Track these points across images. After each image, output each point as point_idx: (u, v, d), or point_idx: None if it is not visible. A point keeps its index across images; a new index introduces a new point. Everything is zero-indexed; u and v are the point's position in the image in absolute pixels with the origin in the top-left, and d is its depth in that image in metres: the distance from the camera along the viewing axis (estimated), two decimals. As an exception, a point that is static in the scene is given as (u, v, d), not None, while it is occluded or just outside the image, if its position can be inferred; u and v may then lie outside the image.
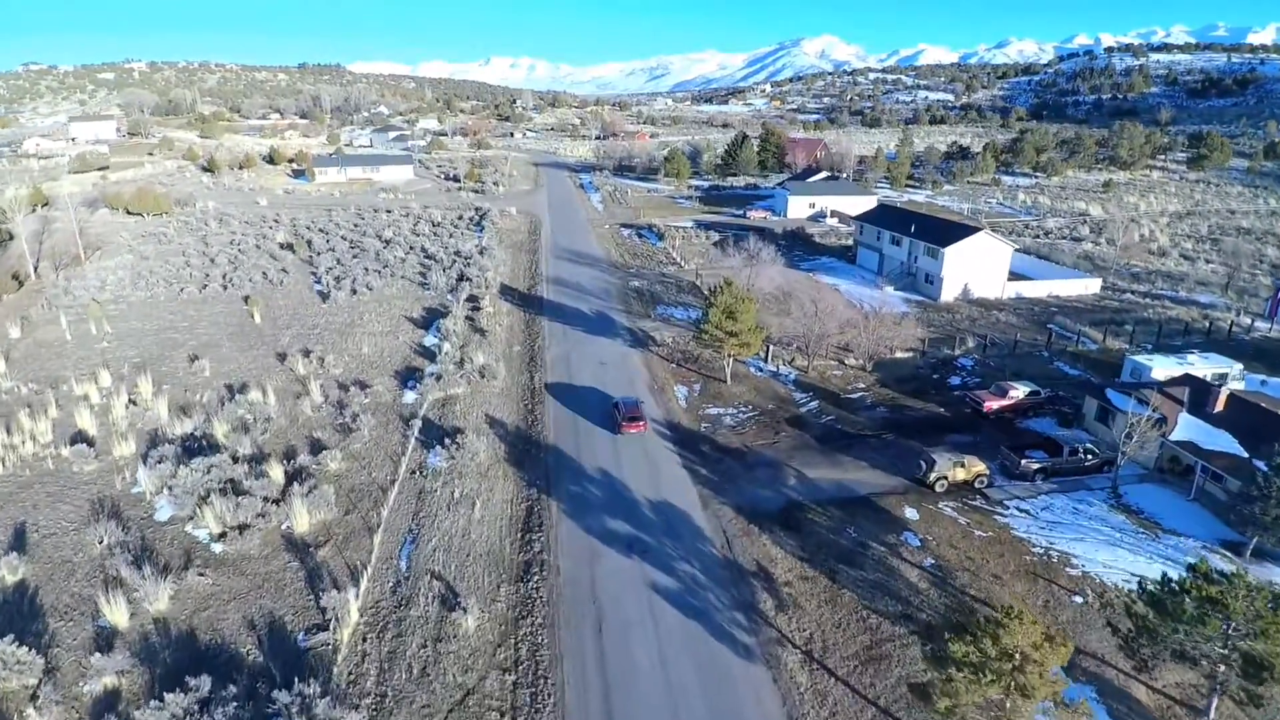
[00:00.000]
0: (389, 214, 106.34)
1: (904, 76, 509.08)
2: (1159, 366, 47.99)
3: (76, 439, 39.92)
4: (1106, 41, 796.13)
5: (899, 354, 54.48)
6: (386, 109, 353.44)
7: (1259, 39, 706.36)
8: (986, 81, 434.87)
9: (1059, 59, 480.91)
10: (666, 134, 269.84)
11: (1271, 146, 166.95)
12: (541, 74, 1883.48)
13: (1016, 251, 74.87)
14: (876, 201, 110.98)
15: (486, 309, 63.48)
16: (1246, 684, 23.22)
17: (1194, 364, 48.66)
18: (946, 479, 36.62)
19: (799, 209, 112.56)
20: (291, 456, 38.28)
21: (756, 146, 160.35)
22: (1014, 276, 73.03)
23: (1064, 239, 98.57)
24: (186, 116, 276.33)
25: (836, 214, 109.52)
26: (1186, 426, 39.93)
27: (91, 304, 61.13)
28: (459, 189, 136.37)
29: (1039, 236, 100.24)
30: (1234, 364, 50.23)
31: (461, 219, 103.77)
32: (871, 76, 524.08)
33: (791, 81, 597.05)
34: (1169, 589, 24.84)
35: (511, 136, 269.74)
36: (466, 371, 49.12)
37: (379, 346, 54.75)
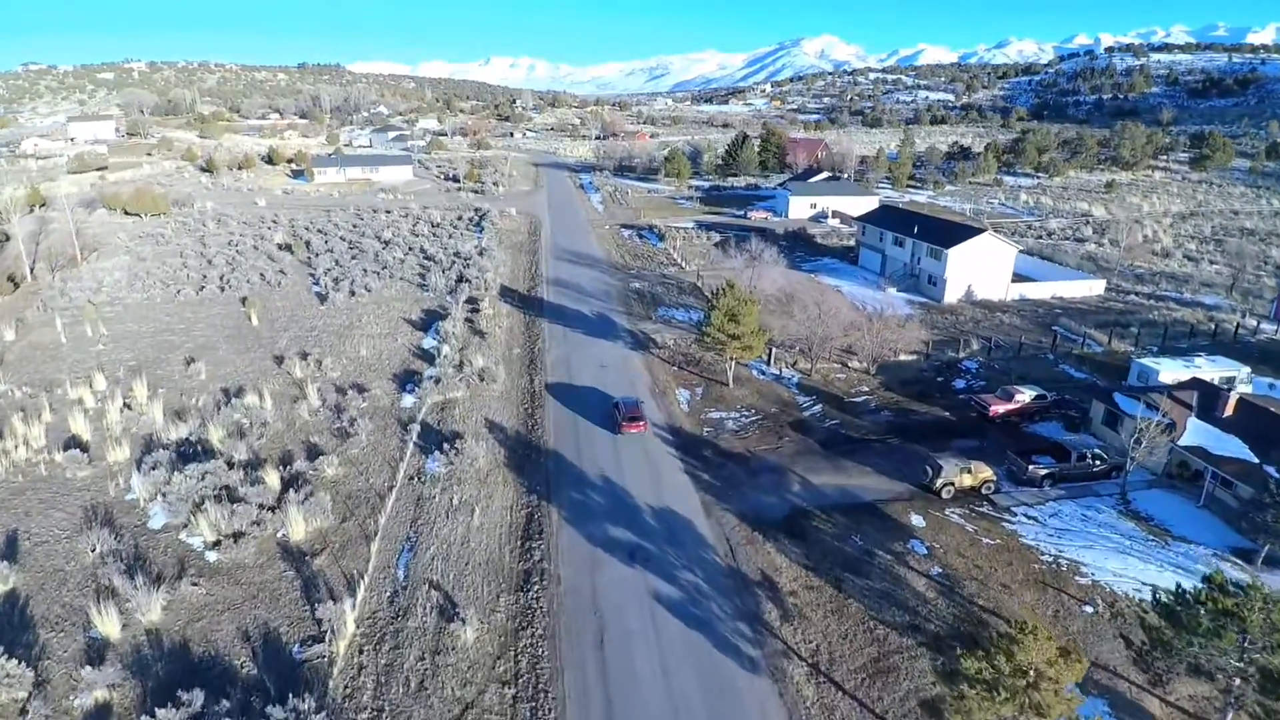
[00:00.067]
0: (388, 214, 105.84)
1: (904, 76, 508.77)
2: (1166, 370, 47.45)
3: (70, 444, 39.29)
4: (1106, 41, 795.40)
5: (903, 357, 53.92)
6: (386, 109, 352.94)
7: (1259, 39, 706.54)
8: (987, 81, 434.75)
9: (1059, 59, 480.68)
10: (666, 134, 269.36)
11: (1274, 146, 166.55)
12: (541, 74, 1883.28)
13: (1020, 253, 74.28)
14: (878, 202, 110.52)
15: (486, 311, 62.96)
16: (1263, 699, 22.67)
17: (1201, 367, 48.11)
18: (953, 485, 36.06)
19: (800, 209, 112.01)
20: (288, 462, 37.70)
21: (757, 147, 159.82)
22: (1018, 278, 72.46)
23: (1067, 240, 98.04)
24: (186, 116, 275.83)
25: (838, 214, 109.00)
26: (1195, 431, 39.40)
27: (87, 306, 60.58)
28: (458, 189, 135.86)
29: (1042, 237, 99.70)
30: (1241, 367, 49.65)
31: (461, 220, 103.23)
32: (872, 76, 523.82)
33: (791, 81, 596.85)
34: (1183, 600, 24.29)
35: (511, 136, 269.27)
36: (466, 375, 48.57)
37: (377, 349, 54.19)
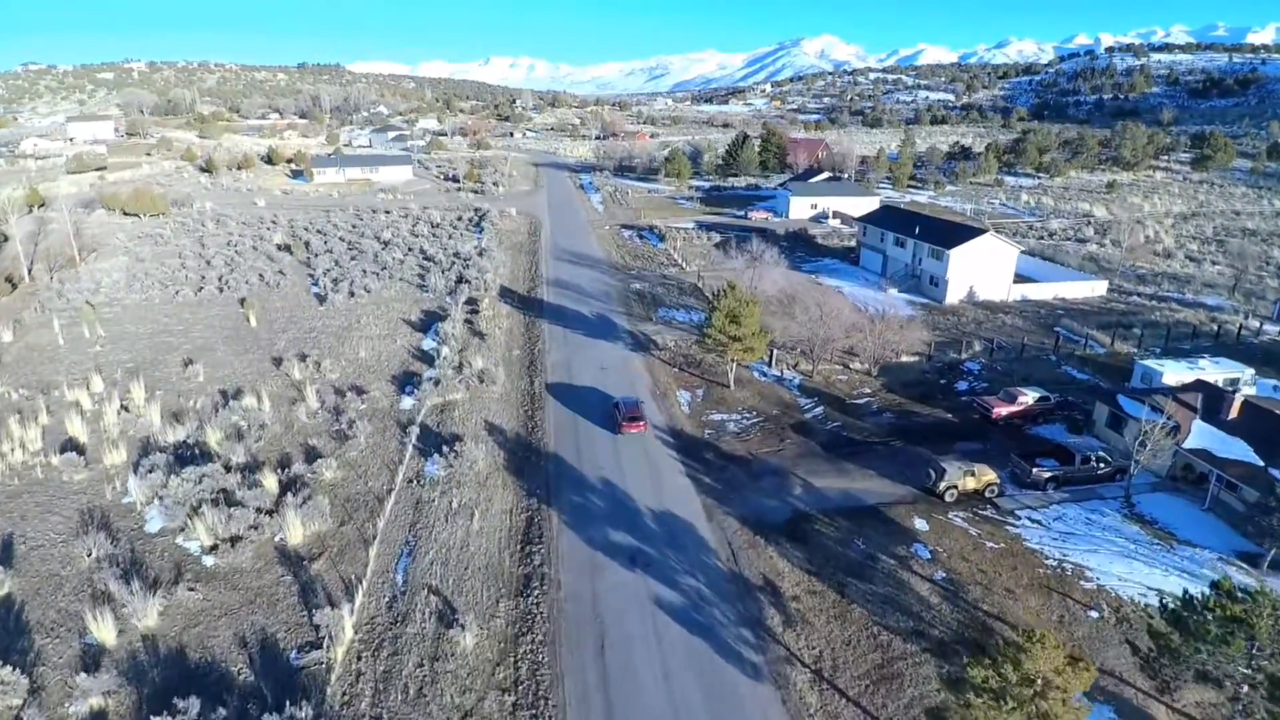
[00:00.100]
0: (387, 215, 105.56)
1: (904, 76, 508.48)
2: (1170, 371, 47.15)
3: (67, 447, 39.08)
4: (1106, 41, 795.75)
5: (904, 358, 53.63)
6: (386, 109, 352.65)
7: (1258, 39, 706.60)
8: (987, 81, 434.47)
9: (1059, 59, 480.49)
10: (666, 134, 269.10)
11: (1275, 147, 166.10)
12: (541, 74, 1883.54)
13: (1021, 253, 74.00)
14: (879, 202, 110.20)
15: (486, 312, 62.67)
16: (1272, 707, 22.45)
17: (1205, 369, 47.82)
18: (956, 488, 35.77)
19: (801, 210, 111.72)
20: (286, 465, 37.42)
21: (757, 147, 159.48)
22: (1019, 278, 72.16)
23: (1068, 240, 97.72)
24: (185, 116, 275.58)
25: (839, 215, 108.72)
26: (1200, 434, 39.12)
27: (85, 307, 60.29)
28: (458, 189, 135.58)
29: (1043, 238, 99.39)
30: (1245, 369, 49.33)
31: (461, 220, 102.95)
32: (872, 76, 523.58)
33: (791, 81, 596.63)
34: (1191, 607, 24.07)
35: (511, 136, 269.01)
36: (465, 376, 48.28)
37: (376, 350, 53.91)
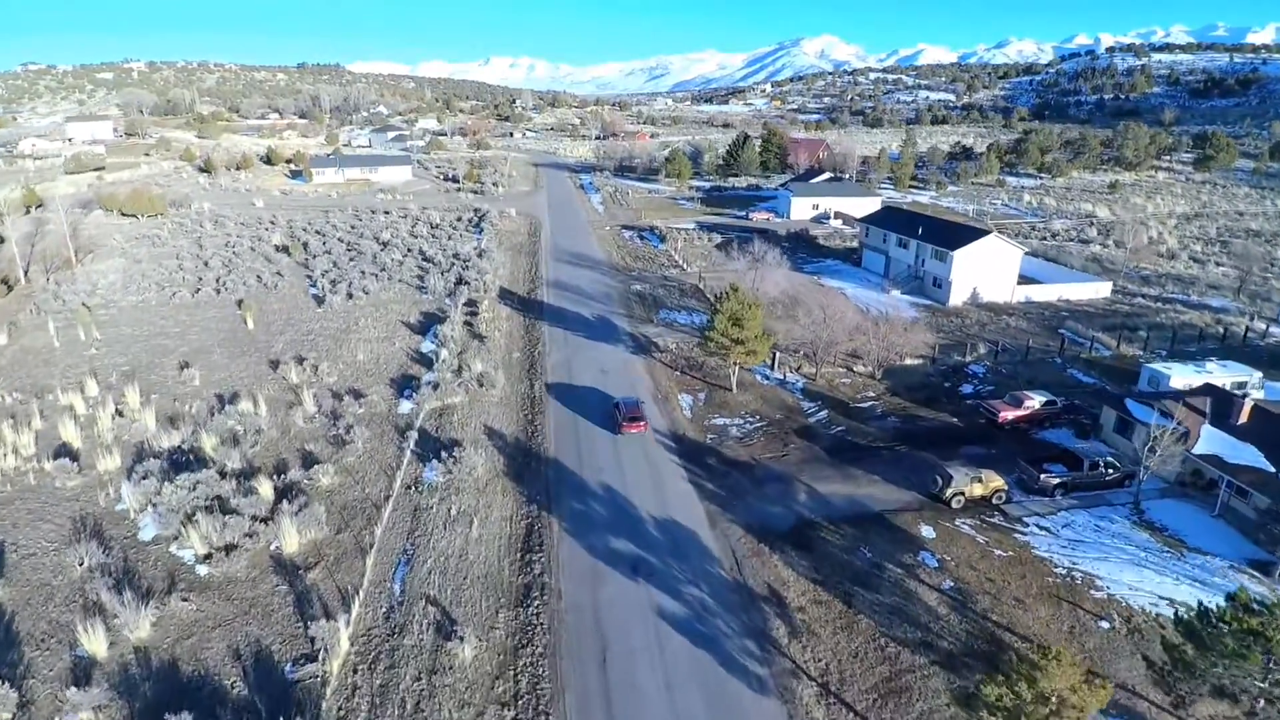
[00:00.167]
0: (387, 215, 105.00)
1: (905, 76, 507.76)
2: (1178, 375, 46.63)
3: (60, 452, 38.51)
4: (1106, 42, 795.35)
5: (908, 361, 53.06)
6: (385, 109, 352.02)
7: (1258, 39, 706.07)
8: (988, 81, 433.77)
9: (1060, 59, 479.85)
10: (667, 134, 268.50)
11: (1277, 147, 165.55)
12: (541, 74, 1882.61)
13: (1025, 254, 73.44)
14: (880, 203, 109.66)
15: (485, 314, 62.11)
16: (1291, 722, 21.92)
17: (1212, 373, 47.26)
18: (963, 495, 35.21)
19: (802, 210, 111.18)
20: (282, 471, 36.86)
21: (758, 147, 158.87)
22: (1023, 280, 71.63)
23: (1071, 241, 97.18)
24: (185, 116, 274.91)
25: (840, 215, 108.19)
26: (1209, 439, 38.56)
27: (81, 309, 59.69)
28: (458, 190, 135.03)
29: (1046, 239, 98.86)
30: (1253, 372, 48.79)
31: (460, 220, 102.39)
32: (872, 76, 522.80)
33: (792, 81, 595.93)
34: (1206, 620, 23.54)
35: (511, 136, 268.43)
36: (464, 380, 47.72)
37: (375, 353, 53.34)
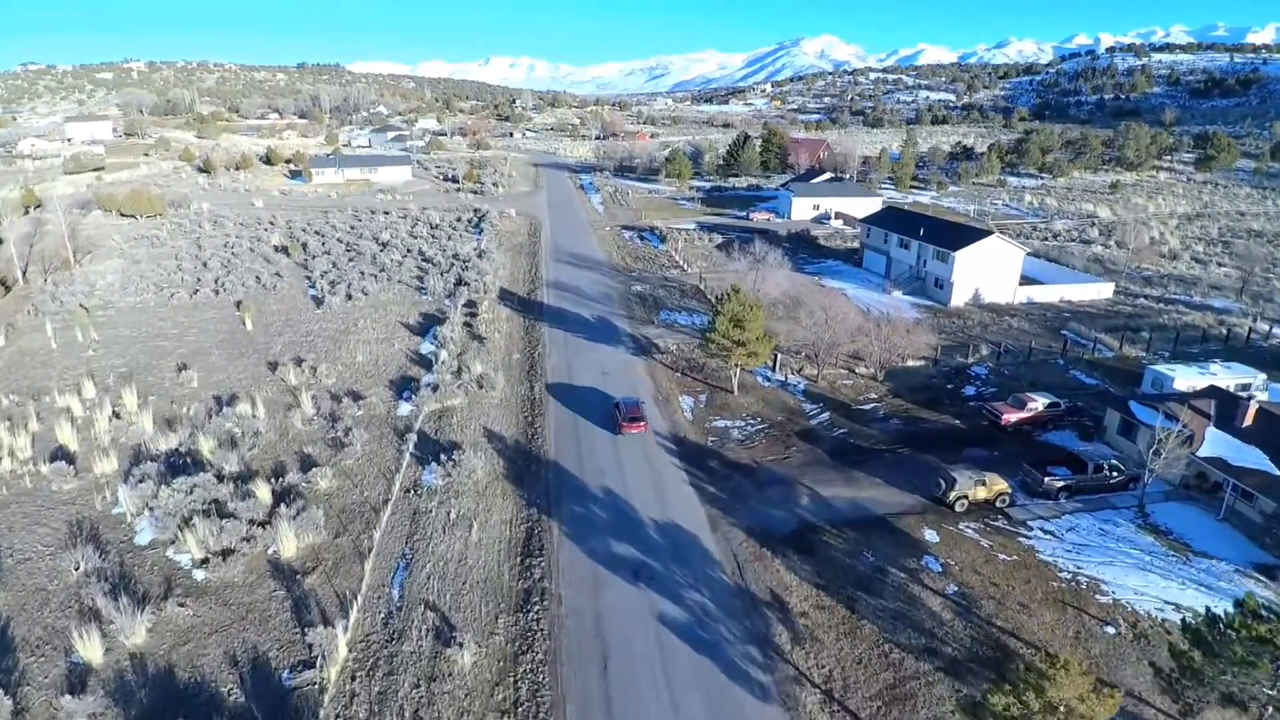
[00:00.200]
0: (386, 216, 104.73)
1: (905, 76, 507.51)
2: (1181, 377, 46.33)
3: (57, 455, 38.22)
4: (1106, 42, 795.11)
5: (911, 363, 52.77)
6: (385, 109, 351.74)
7: (1258, 39, 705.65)
8: (988, 81, 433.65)
9: (1060, 59, 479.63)
10: (667, 134, 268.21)
11: (1279, 147, 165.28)
12: (541, 74, 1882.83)
13: (1027, 255, 73.11)
14: (881, 203, 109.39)
15: (485, 315, 61.85)
16: (1301, 730, 21.66)
17: (1217, 374, 46.97)
18: (967, 498, 34.92)
19: (803, 211, 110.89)
20: (280, 474, 36.56)
21: (759, 147, 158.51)
22: (1025, 280, 71.32)
23: (1073, 241, 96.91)
24: (185, 116, 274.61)
25: (841, 215, 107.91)
26: (1214, 442, 38.28)
27: (79, 310, 59.42)
28: (458, 190, 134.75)
29: (1047, 239, 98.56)
30: (1257, 374, 48.50)
31: (460, 221, 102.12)
32: (872, 76, 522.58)
33: (792, 81, 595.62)
34: (1214, 626, 23.26)
35: (511, 137, 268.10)
36: (464, 381, 47.43)
37: (374, 355, 53.06)
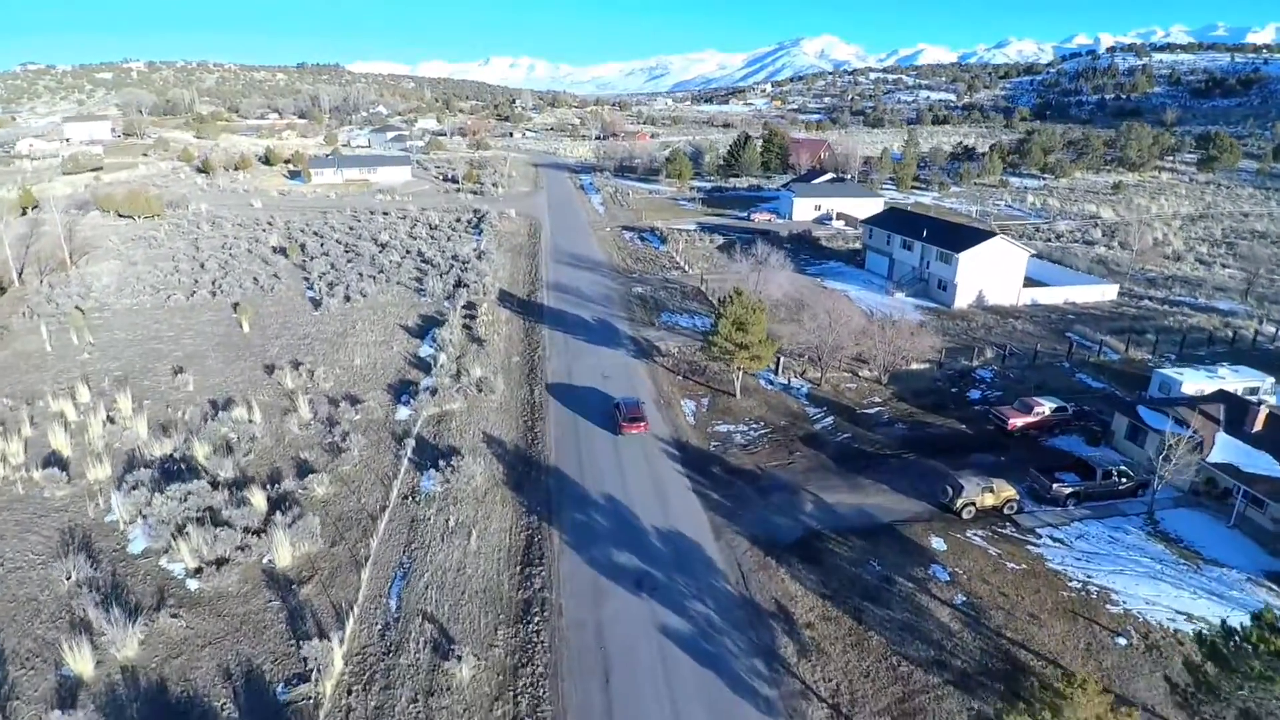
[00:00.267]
0: (385, 216, 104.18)
1: (905, 76, 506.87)
2: (1189, 381, 45.75)
3: (50, 461, 37.65)
4: (1106, 42, 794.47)
5: (915, 365, 52.20)
6: (385, 109, 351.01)
7: (1258, 39, 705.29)
8: (988, 81, 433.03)
9: (1061, 59, 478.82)
10: (667, 134, 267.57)
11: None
12: (541, 74, 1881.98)
13: (1030, 256, 72.51)
14: (883, 204, 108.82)
15: (484, 317, 61.26)
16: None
17: (1225, 378, 46.40)
18: (974, 505, 34.34)
19: (804, 211, 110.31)
20: (276, 480, 35.97)
21: (759, 147, 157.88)
22: (1028, 282, 70.77)
23: (1076, 242, 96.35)
24: (184, 116, 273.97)
25: (843, 216, 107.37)
26: (1224, 447, 37.72)
27: (74, 313, 58.82)
28: (457, 190, 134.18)
29: (1050, 240, 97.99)
30: (1265, 377, 47.95)
31: (460, 221, 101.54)
32: (872, 76, 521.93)
33: (792, 81, 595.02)
34: (1231, 640, 22.73)
35: (511, 137, 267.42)
36: (463, 385, 46.84)
37: (372, 358, 52.50)
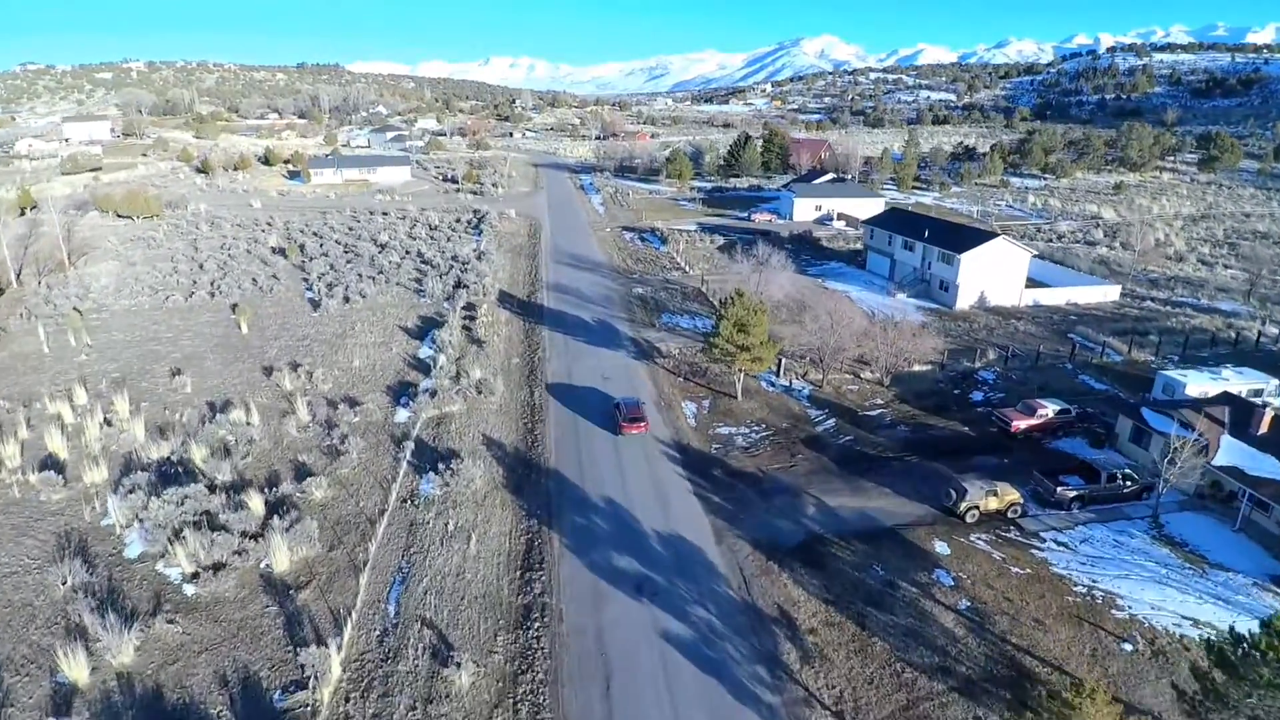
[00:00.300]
0: (385, 217, 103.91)
1: (905, 76, 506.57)
2: (1193, 383, 45.47)
3: (46, 464, 37.39)
4: (1106, 42, 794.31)
5: (917, 367, 51.91)
6: (385, 109, 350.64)
7: (1258, 39, 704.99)
8: (989, 81, 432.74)
9: (1061, 59, 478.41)
10: (667, 134, 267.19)
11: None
12: (541, 74, 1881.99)
13: (1032, 257, 72.23)
14: (884, 204, 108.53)
15: (484, 318, 61.00)
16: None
17: (1229, 380, 46.12)
18: (978, 509, 34.06)
19: (805, 211, 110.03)
20: (274, 483, 35.69)
21: (760, 147, 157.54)
22: (1030, 283, 70.49)
23: (1077, 243, 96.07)
24: (184, 116, 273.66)
25: (844, 217, 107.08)
26: (1229, 450, 37.41)
27: (72, 314, 58.55)
28: (457, 191, 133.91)
29: (1051, 240, 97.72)
30: (1270, 379, 47.65)
31: (459, 222, 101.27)
32: (872, 76, 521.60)
33: (792, 81, 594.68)
34: (1239, 646, 22.45)
35: (511, 137, 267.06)
36: (463, 387, 46.58)
37: (371, 359, 52.23)
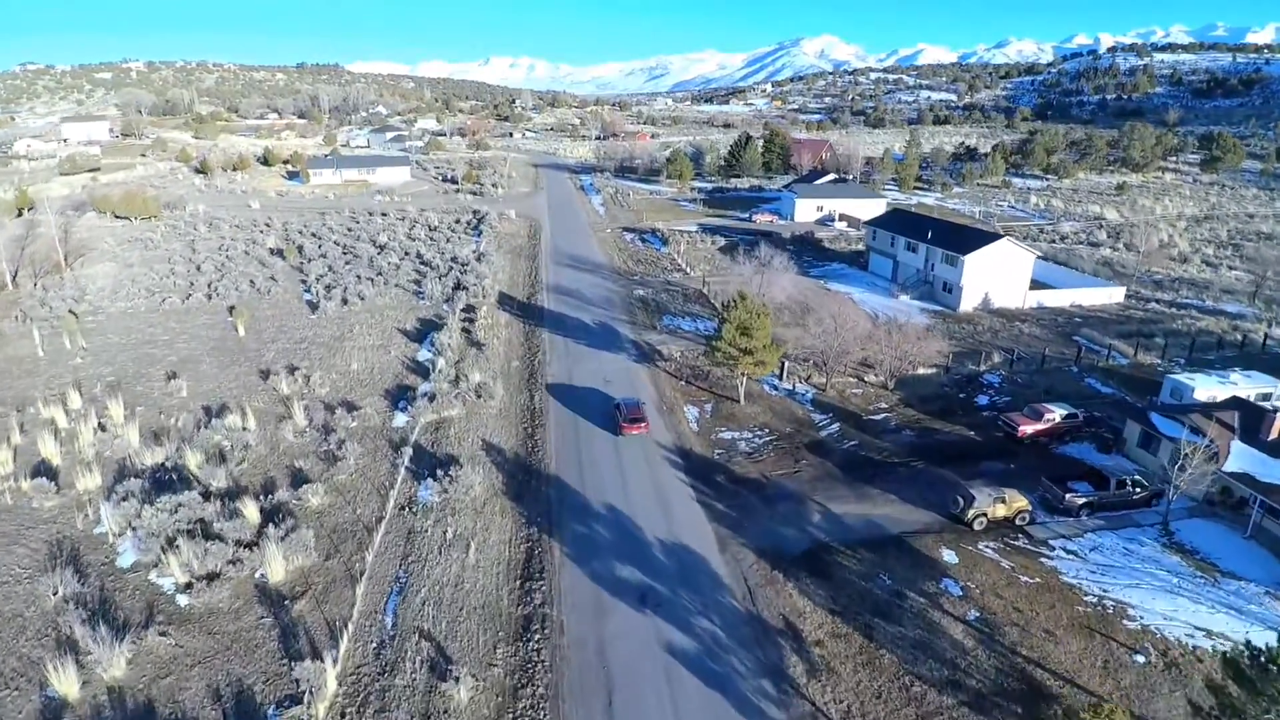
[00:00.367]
0: (384, 217, 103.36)
1: (905, 76, 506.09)
2: (1201, 386, 44.91)
3: (39, 470, 36.80)
4: (1106, 42, 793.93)
5: (921, 370, 51.34)
6: (385, 109, 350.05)
7: (1258, 39, 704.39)
8: (989, 81, 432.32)
9: (1061, 59, 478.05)
10: (667, 134, 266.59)
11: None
12: (541, 74, 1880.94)
13: (1036, 259, 71.66)
14: (886, 205, 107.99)
15: (484, 320, 60.42)
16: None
17: (1237, 383, 45.53)
18: (986, 516, 33.49)
19: (806, 212, 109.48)
20: (270, 490, 35.13)
21: (761, 147, 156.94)
22: (1034, 284, 69.92)
23: (1081, 244, 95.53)
24: (183, 116, 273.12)
25: (845, 217, 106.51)
26: (1240, 455, 36.88)
27: (67, 316, 58.00)
28: (457, 191, 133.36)
29: (1055, 241, 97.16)
30: (1278, 383, 47.07)
31: (459, 223, 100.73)
32: (873, 76, 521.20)
33: (792, 81, 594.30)
34: (1255, 660, 21.91)
35: (510, 137, 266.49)
36: (462, 390, 46.02)
37: (369, 362, 51.67)
